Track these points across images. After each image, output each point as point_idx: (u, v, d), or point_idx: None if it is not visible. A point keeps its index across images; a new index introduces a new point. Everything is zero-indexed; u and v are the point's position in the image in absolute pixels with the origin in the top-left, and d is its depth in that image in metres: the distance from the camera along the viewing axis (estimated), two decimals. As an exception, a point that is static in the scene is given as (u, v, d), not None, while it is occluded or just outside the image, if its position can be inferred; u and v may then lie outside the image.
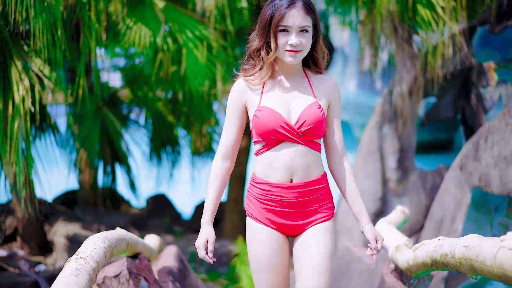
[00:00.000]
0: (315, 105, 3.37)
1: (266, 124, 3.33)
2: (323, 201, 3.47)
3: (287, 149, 3.37)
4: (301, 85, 3.45)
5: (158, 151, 11.16)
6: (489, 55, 9.45)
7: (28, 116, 6.58)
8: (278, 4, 3.28)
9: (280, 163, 3.37)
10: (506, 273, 2.40)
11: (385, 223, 5.51)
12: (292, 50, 3.30)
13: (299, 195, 3.40)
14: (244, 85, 3.46)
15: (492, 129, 6.84)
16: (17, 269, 8.45)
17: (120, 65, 10.92)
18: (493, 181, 6.70)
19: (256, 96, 3.42)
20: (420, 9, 7.96)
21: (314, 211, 3.44)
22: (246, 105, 3.45)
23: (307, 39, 3.32)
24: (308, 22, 3.30)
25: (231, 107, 3.49)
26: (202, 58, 8.35)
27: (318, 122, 3.35)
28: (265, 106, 3.36)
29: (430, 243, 3.60)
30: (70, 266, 2.84)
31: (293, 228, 3.45)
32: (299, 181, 3.39)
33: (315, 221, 3.44)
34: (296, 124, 3.35)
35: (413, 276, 4.37)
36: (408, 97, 8.73)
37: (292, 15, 3.26)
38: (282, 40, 3.30)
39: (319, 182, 3.44)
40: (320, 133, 3.41)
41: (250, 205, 3.49)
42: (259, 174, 3.45)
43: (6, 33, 6.47)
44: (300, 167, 3.38)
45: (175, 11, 8.50)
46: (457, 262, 2.98)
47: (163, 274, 4.81)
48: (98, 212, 10.56)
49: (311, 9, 3.31)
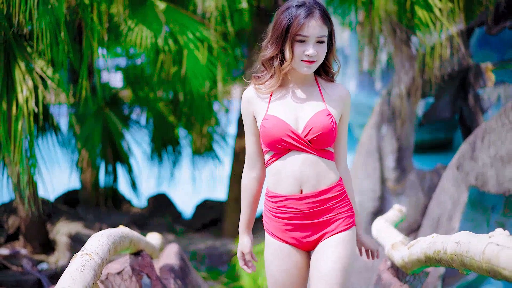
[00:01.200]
0: (324, 113, 3.27)
1: (272, 133, 3.25)
2: (339, 210, 3.34)
3: (296, 158, 3.27)
4: (311, 93, 3.35)
5: (159, 151, 11.25)
6: (487, 56, 9.52)
7: (32, 116, 6.67)
8: (295, 13, 3.18)
9: (288, 173, 3.28)
10: (494, 268, 2.50)
11: (382, 221, 5.60)
12: (307, 61, 3.20)
13: (312, 205, 3.28)
14: (253, 93, 3.37)
15: (488, 129, 6.91)
16: (20, 267, 8.53)
17: (121, 65, 10.99)
18: (489, 180, 6.78)
19: (263, 104, 3.33)
20: (418, 10, 8.00)
21: (331, 220, 3.32)
22: (254, 113, 3.37)
23: (323, 49, 3.23)
24: (325, 32, 3.21)
25: (244, 116, 3.42)
26: (202, 59, 8.43)
27: (326, 129, 3.25)
28: (272, 115, 3.28)
29: (424, 240, 3.70)
30: (76, 261, 2.94)
31: (310, 241, 3.33)
32: (310, 191, 3.28)
33: (333, 231, 3.31)
34: (303, 132, 3.26)
35: (408, 273, 4.46)
36: (407, 98, 8.81)
37: (311, 25, 3.16)
38: (299, 50, 3.20)
39: (333, 190, 3.32)
40: (330, 141, 3.30)
41: (267, 221, 3.41)
42: (270, 187, 3.37)
43: (10, 35, 6.57)
44: (310, 176, 3.27)
45: (176, 13, 8.57)
46: (448, 258, 3.08)
47: (165, 271, 4.91)
48: (99, 211, 10.65)
49: (328, 18, 3.23)
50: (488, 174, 6.80)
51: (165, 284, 4.51)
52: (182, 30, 8.46)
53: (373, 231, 5.63)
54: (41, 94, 6.78)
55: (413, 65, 8.65)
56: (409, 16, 8.17)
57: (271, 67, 3.30)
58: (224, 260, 9.62)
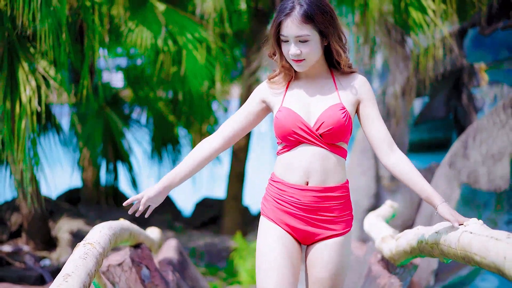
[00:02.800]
0: (338, 107, 3.18)
1: (284, 125, 3.19)
2: (340, 212, 3.26)
3: (305, 151, 3.20)
4: (326, 86, 3.26)
5: (159, 149, 11.37)
6: (481, 56, 9.68)
7: (35, 115, 6.82)
8: (282, 10, 3.13)
9: (297, 164, 3.21)
10: (467, 254, 2.69)
11: (373, 216, 5.78)
12: (295, 60, 3.14)
13: (315, 199, 3.20)
14: (267, 86, 3.34)
15: (480, 128, 7.05)
16: (23, 263, 8.64)
17: (122, 65, 11.11)
18: (481, 178, 6.92)
19: (279, 96, 3.30)
20: (412, 12, 8.11)
21: (330, 221, 3.24)
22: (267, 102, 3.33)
23: (309, 48, 3.11)
24: (307, 31, 3.07)
25: (249, 98, 3.39)
26: (201, 59, 8.58)
27: (338, 124, 3.15)
28: (285, 107, 3.23)
29: (410, 232, 3.89)
30: (79, 250, 3.12)
31: (306, 235, 3.25)
32: (315, 184, 3.20)
33: (330, 233, 3.23)
34: (315, 125, 3.18)
35: (397, 265, 4.65)
36: (401, 97, 8.95)
37: (287, 25, 3.09)
38: (284, 49, 3.16)
39: (338, 190, 3.24)
40: (342, 136, 3.20)
41: (266, 204, 3.33)
42: (277, 173, 3.30)
43: (14, 36, 6.72)
44: (317, 170, 3.19)
45: (175, 14, 8.72)
46: (429, 247, 3.27)
47: (164, 264, 5.07)
48: (101, 209, 10.76)
49: (310, 17, 3.07)
50: (480, 172, 6.94)
51: (164, 276, 4.67)
52: (181, 31, 8.60)
53: (365, 225, 5.81)
54: (44, 94, 6.92)
55: (407, 65, 8.78)
56: (404, 17, 8.28)
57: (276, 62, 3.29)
58: (223, 256, 9.75)
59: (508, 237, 2.42)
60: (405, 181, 3.17)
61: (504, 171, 6.76)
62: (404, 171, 3.15)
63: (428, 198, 3.09)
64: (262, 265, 3.23)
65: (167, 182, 3.30)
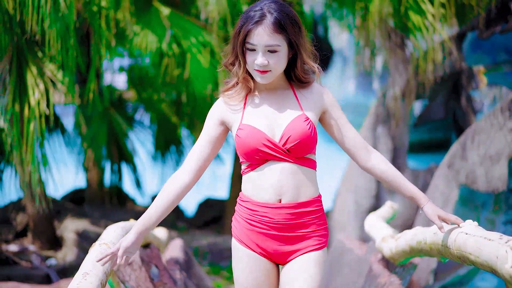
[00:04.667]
0: (301, 118, 3.05)
1: (247, 144, 3.03)
2: (315, 227, 3.12)
3: (274, 168, 3.05)
4: (286, 98, 3.12)
5: (163, 150, 11.49)
6: (479, 59, 9.81)
7: (43, 118, 6.97)
8: (250, 17, 2.95)
9: (267, 183, 3.05)
10: (463, 254, 2.85)
11: (374, 217, 5.94)
12: (259, 70, 2.99)
13: (288, 216, 3.06)
14: (223, 103, 3.16)
15: (478, 129, 7.15)
16: (29, 262, 8.78)
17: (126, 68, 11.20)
18: (479, 179, 7.01)
19: (237, 114, 3.11)
20: (411, 15, 8.20)
21: (305, 236, 3.10)
22: (226, 122, 3.14)
23: (277, 59, 2.97)
24: (277, 41, 2.94)
25: (207, 121, 3.20)
26: (205, 63, 8.72)
27: (305, 136, 3.02)
28: (247, 124, 3.06)
29: (409, 232, 4.05)
30: (95, 250, 3.28)
31: (281, 254, 3.11)
32: (288, 201, 3.06)
33: (306, 249, 3.10)
34: (281, 140, 3.03)
35: (397, 264, 4.81)
36: (401, 99, 9.09)
37: (258, 33, 2.93)
38: (250, 58, 2.99)
39: (311, 204, 3.11)
40: (309, 148, 3.07)
41: (236, 226, 3.18)
42: (245, 192, 3.14)
43: (23, 41, 6.87)
44: (289, 186, 3.05)
45: (179, 18, 8.84)
46: (428, 248, 3.44)
47: (171, 263, 5.23)
48: (105, 209, 10.87)
49: (282, 26, 2.94)
50: (478, 173, 7.03)
51: (172, 274, 4.83)
52: (186, 34, 8.72)
53: (366, 226, 5.97)
54: (52, 97, 7.07)
55: (407, 68, 8.90)
56: (404, 21, 8.38)
57: (233, 72, 3.10)
58: (226, 256, 9.87)
59: (500, 237, 2.59)
60: (388, 181, 3.12)
61: (502, 172, 6.83)
62: (385, 171, 3.12)
63: (413, 199, 3.08)
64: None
65: (142, 228, 3.10)
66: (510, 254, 2.39)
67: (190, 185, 3.15)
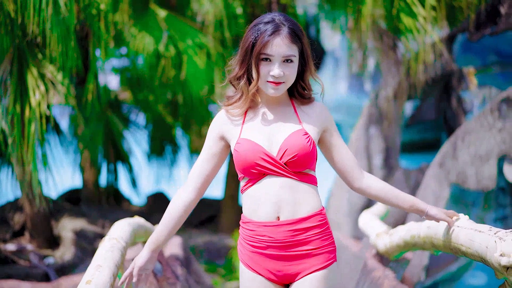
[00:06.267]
0: (300, 133, 3.01)
1: (245, 158, 2.98)
2: (319, 243, 3.02)
3: (272, 183, 2.99)
4: (286, 113, 3.09)
5: (158, 150, 11.64)
6: (469, 61, 9.98)
7: (44, 119, 7.08)
8: (262, 30, 2.93)
9: (264, 199, 2.99)
10: (455, 245, 3.03)
11: (368, 214, 6.11)
12: (274, 82, 2.95)
13: (288, 234, 2.98)
14: (224, 116, 3.12)
15: (468, 130, 7.30)
16: (27, 261, 8.84)
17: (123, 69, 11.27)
18: (469, 178, 7.16)
19: (236, 128, 3.09)
20: (403, 18, 8.34)
21: (309, 254, 3.00)
22: (225, 137, 3.13)
23: (292, 70, 2.96)
24: (293, 51, 2.95)
25: (209, 134, 3.17)
26: (201, 64, 8.85)
27: (303, 150, 2.97)
28: (245, 138, 3.02)
29: (403, 228, 4.23)
30: (104, 244, 3.44)
31: (287, 275, 3.03)
32: (287, 218, 2.98)
33: (311, 268, 3.00)
34: (278, 154, 2.98)
35: (391, 259, 4.98)
36: (393, 100, 9.23)
37: (275, 44, 2.91)
38: (264, 70, 2.94)
39: (313, 219, 3.01)
40: (308, 163, 3.01)
41: (242, 250, 3.11)
42: (245, 213, 3.09)
43: (24, 43, 6.99)
44: (287, 202, 2.98)
45: (176, 20, 8.99)
46: (422, 241, 3.61)
47: (172, 259, 5.37)
48: (102, 208, 10.97)
49: (297, 37, 2.96)
50: (468, 172, 7.19)
51: (173, 270, 4.98)
52: (182, 36, 8.86)
53: (360, 223, 6.13)
54: (52, 98, 7.17)
55: (399, 69, 9.05)
56: (395, 23, 8.53)
57: (238, 87, 3.06)
58: (221, 254, 10.00)
59: (489, 229, 2.76)
60: (385, 198, 3.08)
61: (491, 172, 6.97)
62: (381, 188, 3.08)
63: (413, 207, 3.04)
64: None
65: (154, 246, 3.15)
66: (499, 244, 2.56)
67: (194, 202, 3.15)
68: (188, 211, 3.16)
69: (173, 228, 3.16)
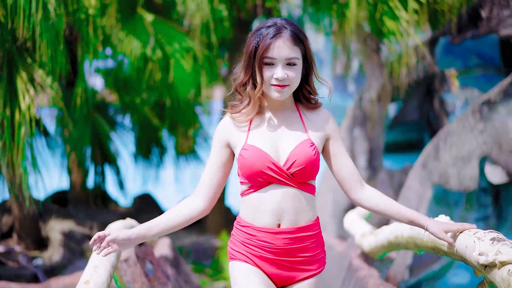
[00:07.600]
0: (307, 143, 3.01)
1: (252, 165, 2.97)
2: (314, 251, 3.08)
3: (275, 192, 2.99)
4: (292, 120, 3.08)
5: (145, 152, 11.68)
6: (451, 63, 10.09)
7: (34, 122, 7.14)
8: (264, 34, 2.93)
9: (266, 206, 3.00)
10: (436, 245, 3.17)
11: (353, 215, 6.24)
12: (278, 85, 2.94)
13: (288, 241, 3.02)
14: (230, 122, 3.10)
15: (450, 131, 7.40)
16: (16, 262, 8.87)
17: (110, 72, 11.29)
18: (451, 178, 7.26)
19: (242, 134, 3.07)
20: (386, 21, 8.45)
21: (305, 261, 3.07)
22: (230, 144, 3.10)
23: (295, 72, 2.95)
24: (296, 54, 2.94)
25: (214, 143, 3.14)
26: (188, 67, 8.95)
27: (310, 162, 2.98)
28: (251, 145, 3.01)
29: (387, 228, 4.37)
30: (100, 246, 3.54)
31: (281, 278, 3.08)
32: (287, 226, 3.01)
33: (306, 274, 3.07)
34: (285, 164, 2.98)
35: (375, 258, 5.13)
36: (377, 102, 9.35)
37: (277, 46, 2.90)
38: (268, 73, 2.94)
39: (311, 229, 3.07)
40: (313, 174, 3.03)
41: (235, 249, 3.12)
42: (244, 217, 3.09)
43: (14, 48, 7.05)
44: (289, 211, 3.00)
45: (163, 24, 9.08)
46: (405, 241, 3.75)
47: (162, 260, 5.49)
48: (90, 210, 10.98)
49: (300, 39, 2.95)
50: (450, 173, 7.30)
51: (164, 270, 5.10)
52: (169, 40, 8.95)
53: (345, 223, 6.26)
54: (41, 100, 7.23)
55: (382, 72, 9.17)
56: (379, 26, 8.64)
57: (245, 93, 3.05)
58: (208, 254, 10.09)
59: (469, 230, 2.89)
60: (384, 210, 3.05)
61: (473, 172, 7.07)
62: (381, 201, 3.05)
63: (413, 221, 3.01)
64: None
65: (144, 231, 3.10)
66: (477, 244, 2.69)
67: (204, 212, 3.14)
68: (193, 219, 3.13)
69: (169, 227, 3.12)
